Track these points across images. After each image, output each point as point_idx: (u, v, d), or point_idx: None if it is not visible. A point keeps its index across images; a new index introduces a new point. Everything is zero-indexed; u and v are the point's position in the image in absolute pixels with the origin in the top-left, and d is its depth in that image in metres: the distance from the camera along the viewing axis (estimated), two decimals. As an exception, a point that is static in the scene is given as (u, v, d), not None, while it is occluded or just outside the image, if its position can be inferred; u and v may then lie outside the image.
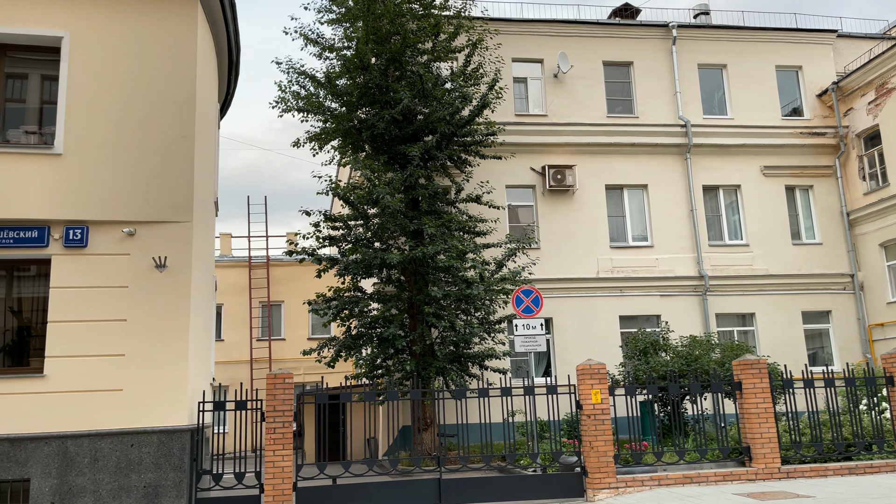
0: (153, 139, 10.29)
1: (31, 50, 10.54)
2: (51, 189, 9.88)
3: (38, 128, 10.55)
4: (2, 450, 9.12)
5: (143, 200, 10.14)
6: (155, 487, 9.36)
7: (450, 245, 14.43)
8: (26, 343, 10.05)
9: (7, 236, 9.79)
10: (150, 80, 10.43)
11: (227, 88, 14.81)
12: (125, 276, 9.99)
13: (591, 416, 10.47)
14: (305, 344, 26.27)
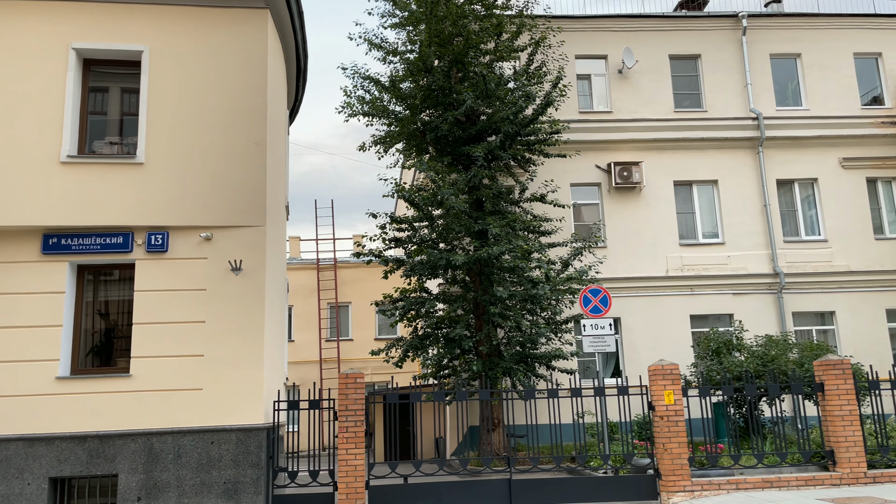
0: (228, 146, 10.64)
1: (112, 64, 11.05)
2: (134, 197, 10.33)
3: (119, 138, 11.05)
4: (92, 446, 9.60)
5: (219, 206, 10.49)
6: (234, 484, 9.67)
7: (515, 245, 14.39)
8: (114, 344, 10.55)
9: (95, 242, 10.29)
10: (224, 89, 10.79)
11: (295, 95, 15.17)
12: (203, 279, 10.36)
13: (665, 418, 10.26)
14: (372, 344, 26.64)
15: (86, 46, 10.62)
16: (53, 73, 10.46)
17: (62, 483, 9.69)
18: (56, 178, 10.18)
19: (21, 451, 9.47)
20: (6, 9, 10.52)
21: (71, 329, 10.18)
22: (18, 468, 9.42)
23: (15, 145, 10.16)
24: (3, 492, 9.33)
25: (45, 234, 10.20)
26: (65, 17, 10.62)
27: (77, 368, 10.15)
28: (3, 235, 10.13)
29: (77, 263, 10.37)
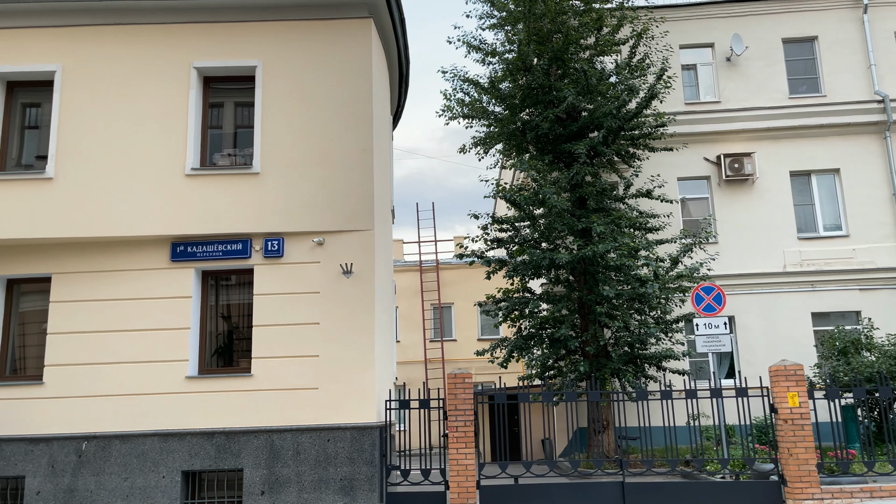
0: (337, 154, 10.99)
1: (229, 80, 11.66)
2: (251, 205, 10.86)
3: (234, 150, 11.64)
4: (219, 442, 10.17)
5: (330, 211, 10.86)
6: (350, 480, 9.97)
7: (620, 243, 14.07)
8: (236, 345, 11.13)
9: (217, 249, 10.90)
10: (332, 98, 11.15)
11: (398, 100, 15.49)
12: (317, 282, 10.75)
13: (789, 421, 9.74)
14: (475, 345, 26.78)
15: (205, 64, 11.27)
16: (177, 91, 11.15)
17: (193, 476, 10.31)
18: (181, 190, 10.85)
19: (156, 446, 10.16)
20: (134, 33, 11.32)
21: (198, 331, 10.82)
22: (154, 462, 10.11)
23: (144, 160, 10.90)
24: (142, 484, 10.04)
25: (172, 242, 10.89)
26: (186, 38, 11.31)
27: (204, 368, 10.77)
28: (136, 245, 10.90)
29: (202, 269, 11.00)
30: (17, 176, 10.89)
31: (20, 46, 11.26)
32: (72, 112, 11.08)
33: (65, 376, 10.45)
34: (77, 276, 10.82)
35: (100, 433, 10.19)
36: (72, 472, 10.07)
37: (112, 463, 10.10)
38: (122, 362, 10.49)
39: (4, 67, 11.18)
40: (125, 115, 11.05)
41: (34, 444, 10.19)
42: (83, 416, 10.30)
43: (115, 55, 11.24)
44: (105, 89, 11.14)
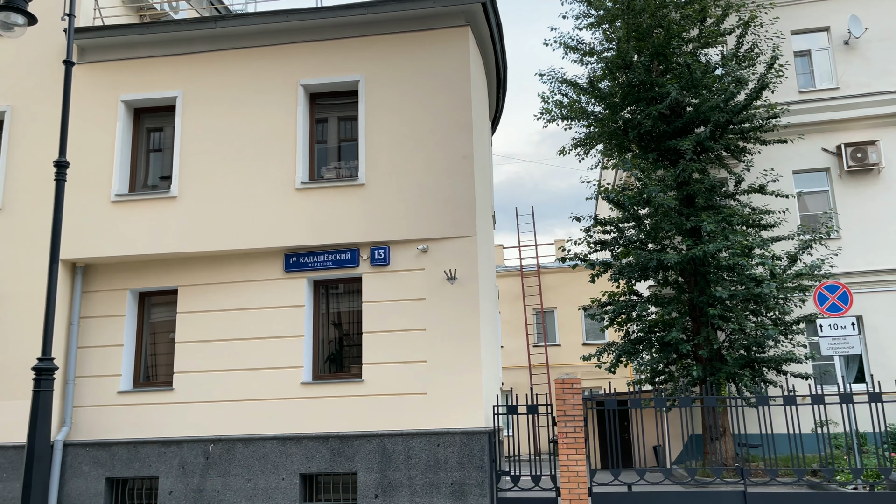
0: (438, 162, 11.15)
1: (333, 95, 12.07)
2: (357, 215, 11.19)
3: (338, 163, 12.03)
4: (334, 446, 10.50)
5: (433, 219, 11.01)
6: (460, 485, 10.04)
7: (732, 241, 13.44)
8: (347, 351, 11.47)
9: (327, 259, 11.29)
10: (432, 107, 11.33)
11: (496, 105, 15.53)
12: (422, 289, 10.93)
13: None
14: (580, 349, 26.34)
15: (311, 82, 11.72)
16: (286, 109, 11.66)
17: (310, 478, 10.70)
18: (292, 204, 11.33)
19: (276, 449, 10.62)
20: (246, 56, 11.93)
21: (311, 338, 11.23)
22: (274, 464, 10.57)
23: (258, 176, 11.46)
24: (263, 485, 10.51)
25: (286, 253, 11.38)
26: (293, 58, 11.81)
27: (318, 374, 11.17)
28: (252, 257, 11.46)
29: (313, 279, 11.43)
30: (146, 196, 11.71)
31: (145, 75, 12.12)
32: (191, 134, 11.81)
33: (192, 382, 11.12)
34: (200, 288, 11.50)
35: (224, 436, 10.77)
36: (200, 473, 10.68)
37: (236, 465, 10.64)
38: (242, 369, 11.05)
39: (132, 95, 12.06)
40: (239, 134, 11.66)
41: (166, 446, 10.89)
42: (209, 420, 10.91)
43: (228, 78, 11.90)
44: (220, 111, 11.80)
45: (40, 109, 12.15)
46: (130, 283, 11.78)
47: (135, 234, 11.52)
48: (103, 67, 12.20)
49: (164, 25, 12.02)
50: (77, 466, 11.03)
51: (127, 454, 10.97)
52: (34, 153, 12.02)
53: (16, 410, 11.01)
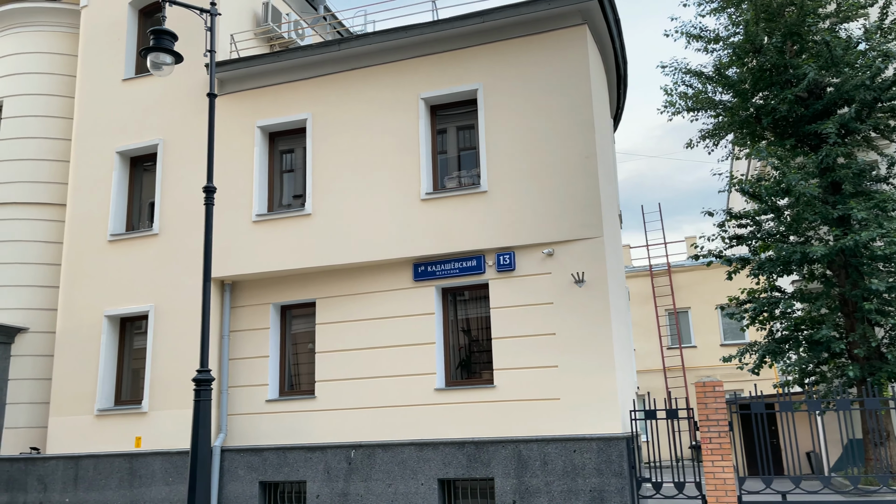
0: (561, 164, 11.03)
1: (451, 106, 12.25)
2: (481, 222, 11.27)
3: (459, 172, 12.16)
4: (469, 451, 10.60)
5: (558, 222, 10.90)
6: (599, 492, 9.83)
7: (888, 229, 12.33)
8: (477, 357, 11.56)
9: (454, 267, 11.45)
10: (552, 109, 11.23)
11: (617, 102, 15.17)
12: (549, 293, 10.83)
13: None
14: (718, 350, 25.11)
15: (431, 94, 11.97)
16: (407, 123, 11.97)
17: (448, 484, 10.86)
18: (418, 214, 11.59)
19: (414, 455, 10.87)
20: (368, 74, 12.38)
21: (442, 345, 11.42)
22: (413, 469, 10.82)
23: (385, 189, 11.83)
24: (403, 490, 10.78)
25: (414, 263, 11.66)
26: (413, 72, 12.11)
27: (450, 380, 11.33)
28: (383, 268, 11.83)
29: (441, 287, 11.62)
30: (283, 215, 12.39)
31: (277, 101, 12.86)
32: (321, 153, 12.39)
33: (333, 390, 11.62)
34: (336, 300, 12.01)
35: (365, 442, 11.16)
36: (344, 478, 11.13)
37: (377, 470, 10.98)
38: (378, 376, 11.41)
39: (267, 121, 12.83)
40: (365, 150, 12.09)
41: (311, 452, 11.43)
42: (350, 427, 11.35)
43: (353, 97, 12.38)
44: (346, 129, 12.30)
45: (187, 140, 13.19)
46: (272, 297, 12.49)
47: (275, 251, 12.21)
48: (240, 97, 13.07)
49: (293, 52, 12.70)
50: (233, 470, 11.81)
51: (277, 459, 11.61)
52: (184, 181, 13.05)
53: (177, 419, 11.97)
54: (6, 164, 14.56)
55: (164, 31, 8.74)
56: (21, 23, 15.32)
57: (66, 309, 13.38)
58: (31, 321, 13.78)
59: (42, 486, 12.64)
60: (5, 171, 14.53)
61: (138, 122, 13.75)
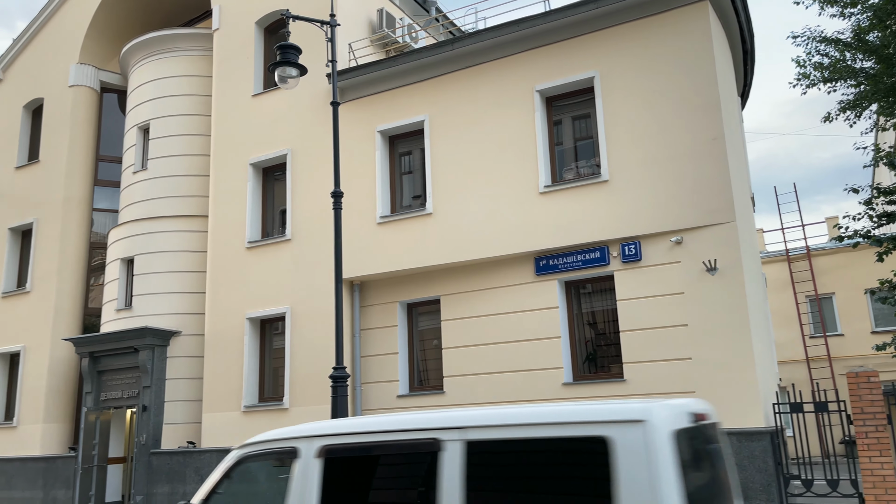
0: (685, 147, 10.59)
1: (567, 96, 12.06)
2: (603, 213, 11.03)
3: (577, 162, 11.95)
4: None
5: (685, 208, 10.48)
6: (743, 489, 9.35)
7: None
8: (605, 351, 11.34)
9: (576, 260, 11.29)
10: (674, 91, 10.80)
11: (744, 79, 14.38)
12: (679, 283, 10.44)
13: None
14: (869, 339, 23.20)
15: (546, 86, 11.85)
16: (523, 116, 11.91)
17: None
18: (538, 208, 11.51)
19: (544, 449, 10.80)
20: (482, 71, 12.43)
21: (568, 339, 11.29)
22: (544, 463, 10.76)
23: (503, 184, 11.84)
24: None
25: (535, 257, 11.60)
26: (527, 65, 12.04)
27: (578, 375, 11.18)
28: (504, 263, 11.86)
29: (564, 280, 11.49)
30: (405, 216, 12.70)
31: (395, 105, 13.20)
32: (439, 152, 12.58)
33: (461, 385, 11.78)
34: (460, 297, 12.16)
35: (494, 436, 11.21)
36: (475, 472, 11.23)
37: (507, 464, 11.00)
38: (504, 371, 11.45)
39: (386, 125, 13.19)
40: (482, 147, 12.16)
41: (443, 445, 11.63)
42: (479, 421, 11.44)
43: (468, 95, 12.48)
44: (463, 127, 12.42)
45: (312, 148, 13.82)
46: (399, 295, 12.84)
47: (399, 251, 12.55)
48: (360, 103, 13.52)
49: (409, 56, 12.99)
50: (369, 464, 12.23)
51: (409, 453, 11.91)
52: (311, 187, 13.68)
53: (315, 415, 12.54)
54: (155, 181, 15.84)
55: (290, 46, 9.21)
56: (160, 49, 16.61)
57: (212, 313, 14.39)
58: (182, 325, 14.93)
59: (199, 477, 13.67)
60: (155, 187, 15.81)
61: (268, 135, 14.56)
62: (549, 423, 3.86)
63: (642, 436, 3.55)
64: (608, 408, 3.88)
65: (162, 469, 14.12)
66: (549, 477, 3.81)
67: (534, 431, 3.85)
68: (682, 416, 3.95)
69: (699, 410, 4.19)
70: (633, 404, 3.84)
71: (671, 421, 3.73)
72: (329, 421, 4.92)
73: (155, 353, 14.56)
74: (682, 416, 3.95)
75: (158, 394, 14.50)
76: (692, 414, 4.04)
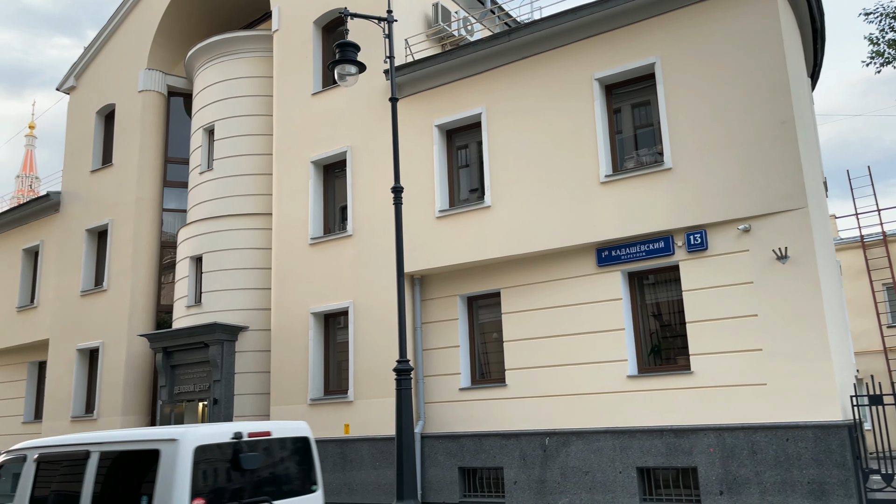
0: (751, 132, 10.25)
1: (626, 84, 11.82)
2: (667, 201, 10.78)
3: (637, 151, 11.70)
4: (668, 440, 10.22)
5: (753, 194, 10.15)
6: (819, 484, 9.05)
7: None
8: (670, 343, 11.10)
9: (640, 250, 11.08)
10: (739, 74, 10.46)
11: (814, 60, 13.82)
12: (747, 272, 10.13)
13: None
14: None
15: (605, 74, 11.64)
16: (582, 105, 11.74)
17: (647, 472, 10.55)
18: (599, 198, 11.34)
19: (609, 443, 10.69)
20: (539, 61, 12.31)
21: (632, 331, 11.10)
22: (610, 457, 10.65)
23: (562, 175, 11.70)
24: (601, 478, 10.65)
25: (597, 248, 11.43)
26: (585, 53, 11.86)
27: (643, 367, 10.99)
28: (565, 255, 11.74)
29: (627, 271, 11.29)
30: (464, 209, 12.70)
31: (452, 98, 13.20)
32: (496, 145, 12.53)
33: (522, 378, 11.74)
34: (520, 289, 12.11)
35: (558, 430, 11.16)
36: (540, 465, 11.21)
37: (573, 457, 10.95)
38: (567, 364, 11.35)
39: (443, 119, 13.22)
40: (540, 137, 12.04)
41: (506, 439, 11.65)
42: (542, 414, 11.41)
43: (525, 86, 12.38)
44: (520, 118, 12.33)
45: (371, 145, 13.97)
46: (459, 289, 12.87)
47: (458, 244, 12.57)
48: (417, 98, 13.58)
49: (465, 49, 12.96)
50: (433, 456, 12.35)
51: (473, 446, 11.97)
52: (370, 183, 13.84)
53: (379, 407, 12.74)
54: (221, 181, 16.31)
55: (348, 44, 9.32)
56: (223, 52, 17.06)
57: (277, 308, 14.74)
58: (249, 320, 15.34)
59: (268, 467, 14.03)
60: (220, 187, 16.28)
61: (328, 132, 14.78)
62: (136, 440, 6.33)
63: (175, 449, 5.79)
64: (162, 430, 6.37)
65: (233, 460, 14.55)
66: (138, 470, 6.14)
67: (129, 446, 6.34)
68: (216, 436, 6.12)
69: (251, 430, 6.38)
70: (178, 428, 6.22)
71: (198, 440, 5.93)
72: (44, 438, 7.58)
73: (224, 347, 15.02)
74: (216, 436, 6.12)
75: (228, 387, 14.96)
76: (235, 433, 6.19)
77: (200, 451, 5.86)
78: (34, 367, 20.75)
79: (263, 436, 6.46)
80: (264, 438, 6.47)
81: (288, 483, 6.67)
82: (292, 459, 6.80)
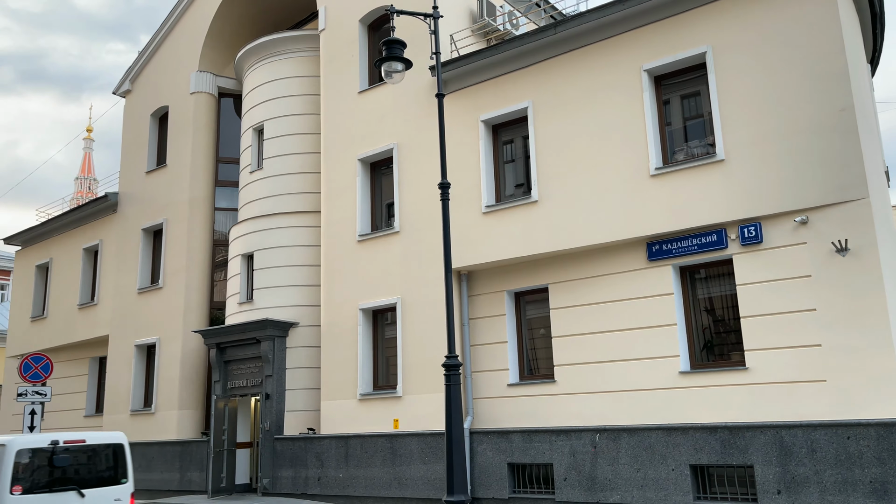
0: (808, 121, 9.94)
1: (676, 74, 11.58)
2: (720, 194, 10.53)
3: (687, 143, 11.45)
4: (723, 437, 10.01)
5: (810, 185, 9.84)
6: (882, 484, 8.74)
7: None
8: (724, 338, 10.86)
9: (692, 244, 10.86)
10: (795, 61, 10.15)
11: (873, 44, 13.31)
12: (805, 265, 9.84)
13: None
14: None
15: (654, 65, 11.43)
16: (630, 97, 11.55)
17: (701, 470, 10.35)
18: (648, 191, 11.15)
19: (661, 440, 10.52)
20: (587, 53, 12.16)
21: (684, 326, 10.89)
22: (661, 455, 10.48)
23: (611, 168, 11.55)
24: (653, 475, 10.49)
25: (647, 242, 11.25)
26: (633, 44, 11.66)
27: (695, 363, 10.77)
28: (614, 249, 11.59)
29: (678, 265, 11.08)
30: (511, 204, 12.65)
31: (498, 93, 13.15)
32: (543, 139, 12.43)
33: (571, 374, 11.65)
34: (568, 284, 12.01)
35: (609, 426, 11.04)
36: (590, 462, 11.11)
37: (623, 454, 10.81)
38: (617, 360, 11.21)
39: (489, 114, 13.18)
40: (588, 131, 11.90)
41: (556, 435, 11.57)
42: (592, 411, 11.30)
43: (572, 79, 12.25)
44: (567, 111, 12.20)
45: (417, 141, 14.02)
46: (506, 284, 12.83)
47: (505, 239, 12.52)
48: (463, 94, 13.57)
49: (511, 43, 12.89)
50: (482, 452, 12.35)
51: (522, 441, 11.93)
52: (417, 180, 13.90)
53: (427, 402, 12.80)
54: (270, 180, 16.60)
55: (395, 41, 9.36)
56: (271, 53, 17.35)
57: (327, 304, 14.94)
58: (300, 316, 15.60)
59: (319, 462, 14.27)
60: (270, 186, 16.57)
61: (374, 130, 14.90)
62: None
63: (2, 452, 8.41)
64: None
65: (285, 454, 14.85)
66: None
67: None
68: (36, 442, 8.77)
69: (68, 438, 8.93)
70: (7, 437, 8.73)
71: (20, 444, 8.58)
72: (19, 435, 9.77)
73: (275, 343, 15.29)
74: (36, 442, 8.77)
75: (279, 382, 15.23)
76: (53, 440, 8.78)
77: (20, 454, 8.46)
78: (95, 362, 21.50)
79: (78, 443, 9.00)
80: (79, 445, 9.00)
81: (100, 476, 9.11)
82: (106, 460, 9.25)
